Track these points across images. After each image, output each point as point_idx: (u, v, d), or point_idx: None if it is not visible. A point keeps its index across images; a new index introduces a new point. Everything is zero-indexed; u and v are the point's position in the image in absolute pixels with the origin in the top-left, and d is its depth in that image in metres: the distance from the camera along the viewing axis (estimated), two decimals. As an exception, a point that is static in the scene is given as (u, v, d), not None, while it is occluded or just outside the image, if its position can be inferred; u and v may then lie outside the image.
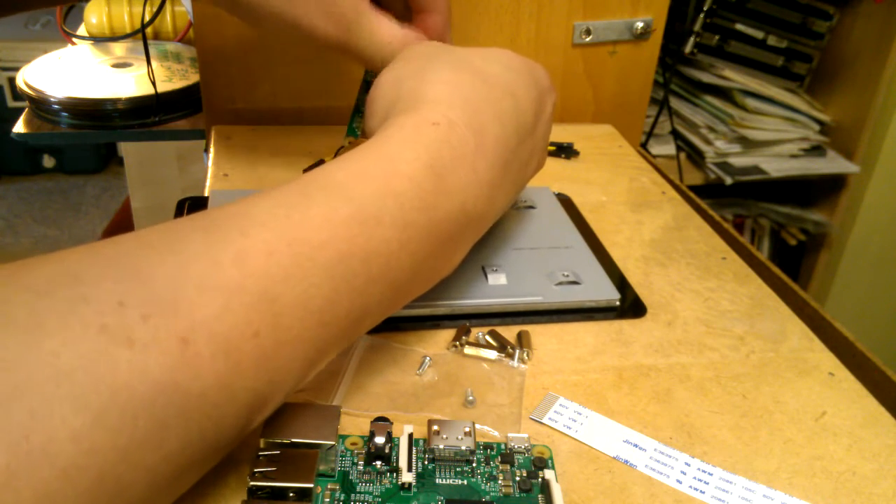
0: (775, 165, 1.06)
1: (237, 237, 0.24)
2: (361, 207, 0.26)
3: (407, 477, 0.27)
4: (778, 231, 1.20)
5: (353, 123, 0.44)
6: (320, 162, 0.44)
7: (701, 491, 0.28)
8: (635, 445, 0.30)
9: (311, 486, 0.25)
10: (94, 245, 0.22)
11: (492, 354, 0.34)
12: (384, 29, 0.39)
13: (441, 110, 0.31)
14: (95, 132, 0.74)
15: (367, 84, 0.43)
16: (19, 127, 0.71)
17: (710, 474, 0.29)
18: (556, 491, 0.26)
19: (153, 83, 0.70)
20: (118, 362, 0.19)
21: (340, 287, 0.25)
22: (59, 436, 0.18)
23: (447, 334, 0.35)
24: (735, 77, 1.05)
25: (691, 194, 0.52)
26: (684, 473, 0.29)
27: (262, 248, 0.24)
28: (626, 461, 0.29)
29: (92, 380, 0.19)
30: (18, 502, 0.17)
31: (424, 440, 0.28)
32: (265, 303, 0.23)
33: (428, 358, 0.33)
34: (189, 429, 0.21)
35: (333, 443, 0.26)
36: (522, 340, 0.35)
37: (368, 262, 0.26)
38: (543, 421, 0.30)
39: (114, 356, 0.19)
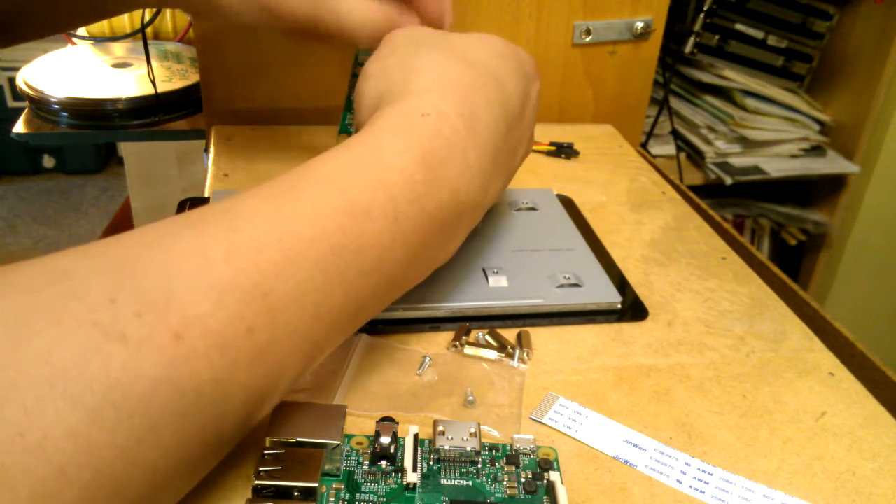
0: (775, 165, 1.07)
1: (227, 234, 0.23)
2: (352, 200, 0.26)
3: (412, 477, 0.27)
4: (778, 231, 1.20)
5: (346, 121, 0.42)
6: None
7: (701, 491, 0.28)
8: (635, 445, 0.30)
9: (315, 485, 0.25)
10: (83, 245, 0.22)
11: (492, 354, 0.34)
12: (359, 3, 0.37)
13: (431, 100, 0.30)
14: (95, 132, 0.74)
15: (355, 79, 0.43)
16: (19, 127, 0.71)
17: (710, 474, 0.29)
18: (562, 493, 0.26)
19: (153, 83, 0.70)
20: (112, 359, 0.19)
21: (334, 280, 0.25)
22: (55, 433, 0.18)
23: (447, 335, 0.35)
24: (735, 77, 1.05)
25: (691, 194, 0.53)
26: (684, 473, 0.29)
27: (252, 245, 0.23)
28: (626, 461, 0.29)
29: (86, 377, 0.19)
30: (15, 500, 0.17)
31: (430, 440, 0.29)
32: (258, 298, 0.23)
33: (428, 358, 0.33)
34: (186, 426, 0.21)
35: (339, 442, 0.26)
36: (522, 340, 0.35)
37: (361, 255, 0.26)
38: (543, 421, 0.31)
39: (107, 353, 0.19)
